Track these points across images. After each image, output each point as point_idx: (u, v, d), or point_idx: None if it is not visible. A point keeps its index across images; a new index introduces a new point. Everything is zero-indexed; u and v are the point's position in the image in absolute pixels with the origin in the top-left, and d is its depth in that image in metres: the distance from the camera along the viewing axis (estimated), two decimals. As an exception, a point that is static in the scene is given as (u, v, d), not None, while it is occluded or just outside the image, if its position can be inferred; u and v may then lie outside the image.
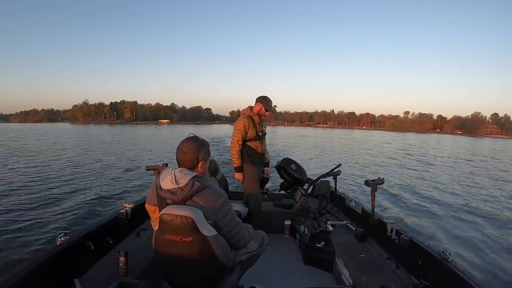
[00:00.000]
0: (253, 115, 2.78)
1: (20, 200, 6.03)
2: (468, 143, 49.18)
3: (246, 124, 2.72)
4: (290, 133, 49.38)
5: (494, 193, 8.65)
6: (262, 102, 2.76)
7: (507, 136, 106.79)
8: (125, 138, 29.49)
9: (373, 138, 44.82)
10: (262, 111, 2.77)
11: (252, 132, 2.75)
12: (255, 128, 2.77)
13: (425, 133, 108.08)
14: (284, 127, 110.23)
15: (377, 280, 1.63)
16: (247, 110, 2.82)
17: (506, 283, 3.46)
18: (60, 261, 1.47)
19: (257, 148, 2.80)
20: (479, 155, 24.68)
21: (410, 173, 11.61)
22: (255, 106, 2.79)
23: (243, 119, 2.75)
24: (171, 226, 1.23)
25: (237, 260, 1.52)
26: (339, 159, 14.41)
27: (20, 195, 6.44)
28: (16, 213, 5.13)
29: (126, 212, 2.10)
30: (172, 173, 1.27)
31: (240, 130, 2.72)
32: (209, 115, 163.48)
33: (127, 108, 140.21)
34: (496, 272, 3.68)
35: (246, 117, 2.77)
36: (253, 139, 2.77)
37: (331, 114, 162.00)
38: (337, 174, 3.05)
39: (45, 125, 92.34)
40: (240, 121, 2.75)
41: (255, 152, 2.79)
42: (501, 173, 13.41)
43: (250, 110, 2.81)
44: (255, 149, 2.79)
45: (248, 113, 2.80)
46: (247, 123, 2.73)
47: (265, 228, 1.98)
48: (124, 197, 6.39)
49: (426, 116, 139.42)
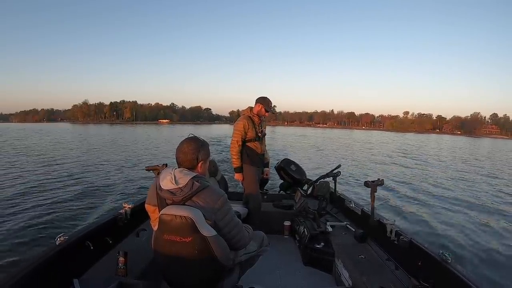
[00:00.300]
0: (252, 116, 2.79)
1: (20, 200, 6.02)
2: (466, 143, 49.17)
3: (245, 125, 2.72)
4: (289, 133, 49.38)
5: (494, 193, 8.66)
6: (262, 103, 2.76)
7: (506, 136, 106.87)
8: (125, 138, 29.45)
9: (372, 138, 44.69)
10: (262, 112, 2.77)
11: (251, 133, 2.75)
12: (255, 128, 2.78)
13: (424, 133, 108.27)
14: (284, 127, 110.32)
15: (377, 281, 1.63)
16: (247, 110, 2.82)
17: (506, 284, 3.46)
18: (59, 261, 1.47)
19: (257, 149, 2.81)
20: (477, 155, 24.71)
21: (410, 174, 11.61)
22: (254, 106, 2.80)
23: (243, 120, 2.75)
24: (170, 226, 1.23)
25: (237, 261, 1.52)
26: (338, 160, 14.43)
27: (19, 195, 6.42)
28: (15, 213, 5.12)
29: (125, 212, 2.10)
30: (172, 173, 1.27)
31: (239, 131, 2.72)
32: (209, 115, 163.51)
33: (127, 108, 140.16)
34: (496, 273, 3.68)
35: (245, 118, 2.77)
36: (252, 139, 2.77)
37: (330, 114, 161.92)
38: (337, 175, 3.04)
39: (45, 124, 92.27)
40: (239, 122, 2.76)
41: (255, 153, 2.80)
42: (497, 172, 13.44)
43: (250, 111, 2.81)
44: (254, 149, 2.79)
45: (248, 113, 2.80)
46: (246, 124, 2.73)
47: (265, 229, 1.98)
48: (123, 197, 6.38)
49: (426, 116, 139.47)
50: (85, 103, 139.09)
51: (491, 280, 3.47)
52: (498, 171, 14.26)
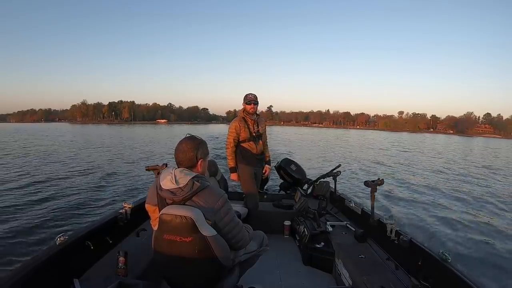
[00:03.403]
0: (245, 116, 2.82)
1: (19, 199, 6.00)
2: (448, 142, 49.01)
3: (237, 127, 2.78)
4: (286, 132, 49.55)
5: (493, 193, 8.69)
6: (244, 100, 2.80)
7: (499, 136, 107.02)
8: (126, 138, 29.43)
9: (355, 137, 44.40)
10: (247, 108, 2.80)
11: (245, 133, 2.79)
12: (248, 129, 2.80)
13: (417, 132, 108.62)
14: (280, 127, 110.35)
15: (377, 281, 1.63)
16: (241, 111, 2.87)
17: (506, 284, 3.47)
18: (59, 261, 1.47)
19: (252, 149, 2.82)
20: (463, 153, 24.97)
21: (409, 174, 11.63)
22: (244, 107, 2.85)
23: (236, 121, 2.81)
24: (170, 226, 1.23)
25: (237, 261, 1.52)
26: (337, 159, 14.45)
27: (20, 195, 6.40)
28: (15, 213, 5.10)
29: (125, 212, 2.10)
30: (172, 173, 1.27)
31: (232, 133, 2.78)
32: (206, 115, 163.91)
33: (125, 108, 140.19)
34: (496, 272, 3.69)
35: (239, 119, 2.82)
36: (247, 140, 2.81)
37: (326, 114, 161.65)
38: (337, 174, 3.05)
39: (44, 125, 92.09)
40: (232, 124, 2.83)
41: (250, 153, 2.82)
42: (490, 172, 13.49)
43: (242, 111, 2.85)
44: (249, 150, 2.82)
45: (241, 114, 2.84)
46: (238, 125, 2.78)
47: (265, 229, 1.98)
48: (123, 197, 6.37)
49: (420, 116, 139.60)
50: (84, 103, 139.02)
51: (491, 280, 3.47)
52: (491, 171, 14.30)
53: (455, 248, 4.35)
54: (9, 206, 5.47)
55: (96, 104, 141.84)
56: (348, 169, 11.24)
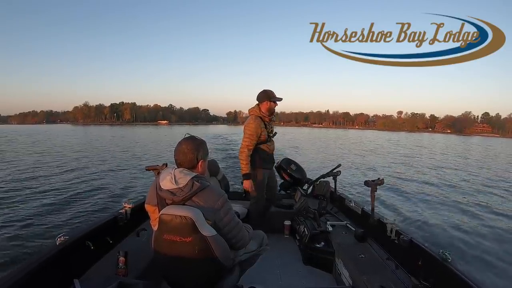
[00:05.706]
0: (263, 116, 2.59)
1: (20, 199, 6.02)
2: (449, 141, 48.90)
3: (258, 127, 2.52)
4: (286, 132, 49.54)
5: (493, 193, 8.67)
6: (267, 97, 2.57)
7: (497, 135, 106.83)
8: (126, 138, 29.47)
9: (355, 137, 44.47)
10: (272, 106, 2.58)
11: (264, 134, 2.59)
12: (266, 129, 2.62)
13: (416, 132, 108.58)
14: (280, 127, 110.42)
15: (377, 281, 1.62)
16: (255, 110, 2.60)
17: (506, 284, 3.46)
18: (59, 261, 1.47)
19: (270, 150, 2.70)
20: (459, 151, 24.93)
21: (409, 174, 11.62)
22: (262, 104, 2.60)
23: (255, 121, 2.52)
24: (170, 226, 1.23)
25: (237, 260, 1.52)
26: (338, 159, 14.43)
27: (20, 195, 6.42)
28: (16, 213, 5.11)
29: (125, 212, 2.10)
30: (172, 173, 1.27)
31: (252, 136, 2.50)
32: (207, 116, 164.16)
33: (126, 109, 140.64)
34: (496, 272, 3.68)
35: (257, 119, 2.55)
36: (264, 141, 2.62)
37: (326, 114, 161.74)
38: (337, 174, 3.04)
39: (47, 126, 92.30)
40: (251, 124, 2.52)
41: (267, 154, 2.66)
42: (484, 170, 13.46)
43: (259, 110, 2.59)
44: (267, 151, 2.66)
45: (258, 113, 2.58)
46: (259, 127, 2.53)
47: (265, 228, 1.98)
48: (123, 197, 6.38)
49: (419, 115, 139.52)
50: (86, 105, 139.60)
51: (491, 280, 3.46)
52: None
53: (455, 248, 4.34)
54: (9, 206, 5.49)
55: (98, 106, 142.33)
56: (348, 169, 11.24)
